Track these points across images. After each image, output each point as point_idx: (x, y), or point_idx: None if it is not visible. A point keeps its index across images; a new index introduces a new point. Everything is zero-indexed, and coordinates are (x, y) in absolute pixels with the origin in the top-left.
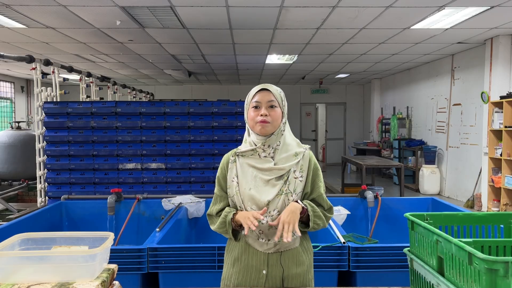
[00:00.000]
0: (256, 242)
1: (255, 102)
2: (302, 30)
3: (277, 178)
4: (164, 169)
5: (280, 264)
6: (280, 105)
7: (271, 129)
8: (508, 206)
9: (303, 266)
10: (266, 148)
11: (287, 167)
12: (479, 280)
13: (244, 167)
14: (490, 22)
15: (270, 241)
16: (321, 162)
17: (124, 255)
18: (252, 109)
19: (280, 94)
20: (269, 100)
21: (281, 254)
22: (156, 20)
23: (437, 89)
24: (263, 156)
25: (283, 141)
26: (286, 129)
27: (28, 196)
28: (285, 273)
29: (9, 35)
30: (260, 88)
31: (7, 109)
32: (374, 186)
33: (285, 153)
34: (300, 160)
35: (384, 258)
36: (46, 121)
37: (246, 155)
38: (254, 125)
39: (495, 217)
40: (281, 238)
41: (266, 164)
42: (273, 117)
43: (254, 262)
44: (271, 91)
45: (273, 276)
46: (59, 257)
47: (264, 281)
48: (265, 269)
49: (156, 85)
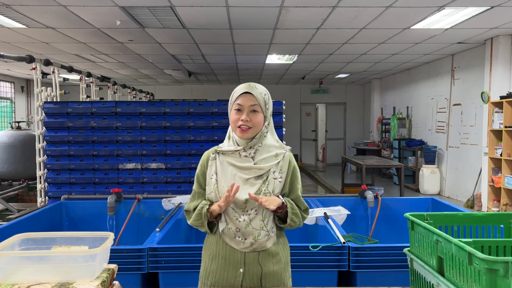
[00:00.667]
0: (233, 241)
1: (237, 104)
2: (302, 30)
3: (256, 177)
4: (164, 169)
5: (258, 262)
6: (263, 110)
7: (251, 134)
8: (508, 206)
9: (280, 264)
10: (247, 149)
11: (267, 167)
12: (479, 280)
13: (224, 165)
14: (490, 22)
15: (246, 240)
16: (321, 162)
17: (124, 255)
18: (234, 111)
19: (264, 98)
20: (252, 105)
21: (258, 253)
22: (156, 20)
23: (437, 89)
24: (243, 156)
25: (264, 143)
26: (268, 131)
27: (28, 196)
28: (264, 271)
29: (9, 35)
30: (244, 90)
31: (7, 109)
32: (374, 186)
33: (266, 153)
34: (280, 161)
35: (384, 258)
36: (46, 121)
37: (226, 153)
38: (235, 129)
39: (495, 217)
40: (257, 238)
41: (245, 163)
42: (254, 122)
43: (231, 260)
44: (254, 95)
45: (251, 275)
46: (59, 257)
47: (241, 280)
48: (242, 268)
49: (156, 85)
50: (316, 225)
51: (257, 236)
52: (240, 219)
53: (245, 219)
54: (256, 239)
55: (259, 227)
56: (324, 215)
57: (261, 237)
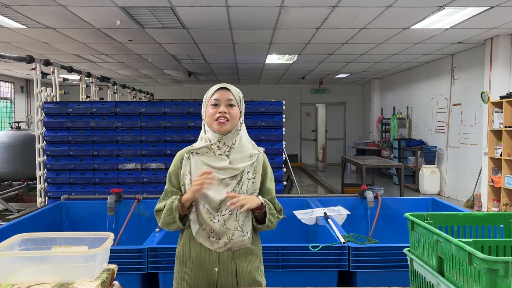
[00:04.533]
0: (207, 241)
1: (214, 100)
2: (302, 30)
3: (230, 178)
4: (164, 169)
5: (233, 261)
6: (238, 105)
7: (229, 127)
8: (508, 206)
9: (254, 263)
10: (221, 145)
11: (242, 168)
12: (479, 280)
13: (198, 164)
14: (490, 22)
15: (220, 240)
16: (321, 162)
17: (124, 255)
18: (210, 107)
19: (239, 94)
20: (228, 99)
21: (233, 252)
22: (156, 20)
23: (437, 89)
24: (218, 154)
25: (239, 141)
26: (242, 129)
27: (28, 196)
28: (238, 269)
29: (9, 35)
30: (219, 86)
31: (7, 109)
32: (374, 186)
33: (240, 153)
34: (254, 162)
35: (384, 258)
36: (46, 121)
37: (201, 152)
38: (212, 122)
39: (495, 217)
40: (231, 238)
41: (221, 163)
42: (232, 115)
43: (205, 260)
44: (230, 90)
45: (226, 274)
46: (59, 257)
47: (216, 279)
48: (217, 267)
49: (156, 85)
50: (316, 225)
51: (231, 236)
52: (215, 220)
53: (219, 220)
54: (230, 239)
55: (233, 227)
56: (324, 215)
57: (235, 237)
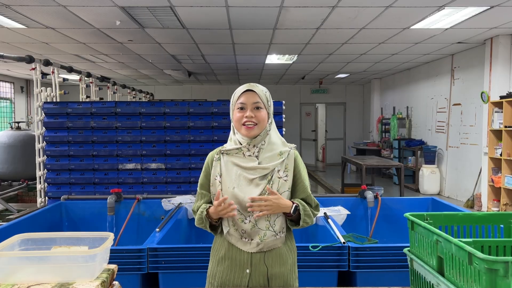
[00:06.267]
0: (239, 242)
1: (240, 103)
2: (302, 30)
3: (260, 177)
4: (164, 169)
5: (264, 263)
6: (265, 106)
7: (257, 131)
8: (508, 206)
9: (286, 265)
10: (251, 147)
11: (271, 166)
12: (479, 280)
13: (228, 165)
14: (490, 22)
15: (253, 240)
16: (321, 162)
17: (124, 255)
18: (237, 110)
19: (265, 95)
20: (255, 102)
21: (264, 253)
22: (156, 20)
23: (437, 89)
24: (247, 155)
25: (268, 140)
26: (272, 129)
27: (28, 196)
28: (269, 272)
29: (9, 35)
30: (245, 89)
31: (7, 109)
32: (374, 186)
33: (270, 152)
34: (285, 160)
35: (384, 258)
36: (46, 121)
37: (231, 153)
38: (240, 127)
39: (495, 217)
40: (263, 238)
41: (250, 163)
42: (259, 118)
43: (237, 261)
44: (256, 92)
45: (257, 275)
46: (59, 258)
47: (247, 280)
48: (249, 268)
49: (156, 85)
50: (316, 225)
51: (263, 237)
52: (246, 220)
53: (250, 221)
54: (262, 239)
55: (264, 227)
56: (324, 215)
57: (267, 237)
